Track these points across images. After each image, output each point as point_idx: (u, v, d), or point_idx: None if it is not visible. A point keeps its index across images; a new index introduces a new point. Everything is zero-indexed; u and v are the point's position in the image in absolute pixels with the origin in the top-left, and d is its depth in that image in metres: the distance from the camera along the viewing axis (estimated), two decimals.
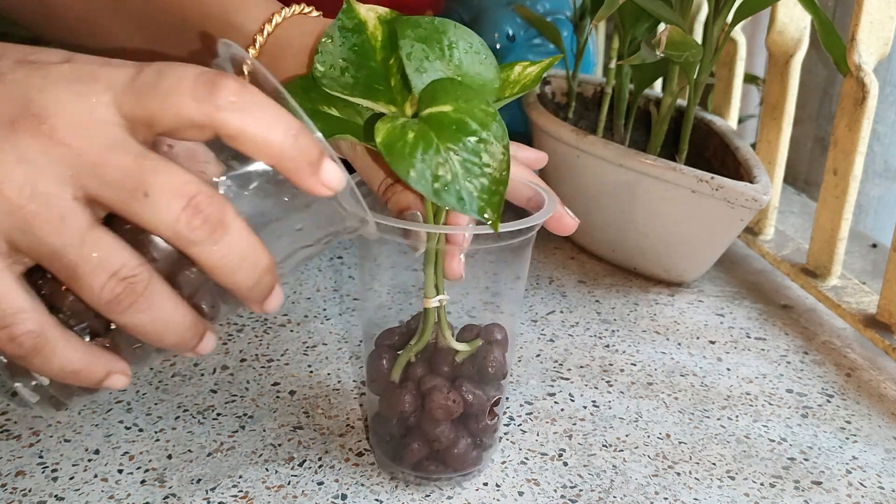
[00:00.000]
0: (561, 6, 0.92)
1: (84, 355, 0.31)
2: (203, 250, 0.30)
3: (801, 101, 0.78)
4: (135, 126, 0.30)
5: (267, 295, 0.33)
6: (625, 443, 0.49)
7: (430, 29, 0.38)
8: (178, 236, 0.30)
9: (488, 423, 0.44)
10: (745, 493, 0.46)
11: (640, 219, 0.66)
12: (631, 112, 0.74)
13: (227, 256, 0.30)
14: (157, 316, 0.31)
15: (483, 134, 0.35)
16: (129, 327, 0.31)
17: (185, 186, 0.29)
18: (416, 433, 0.43)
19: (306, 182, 0.31)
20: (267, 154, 0.30)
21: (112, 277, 0.29)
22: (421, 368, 0.43)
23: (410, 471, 0.44)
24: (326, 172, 0.32)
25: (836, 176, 0.63)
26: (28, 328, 0.29)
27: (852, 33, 0.59)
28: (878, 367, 0.59)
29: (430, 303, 0.41)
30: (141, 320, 0.30)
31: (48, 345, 0.30)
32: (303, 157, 0.31)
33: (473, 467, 0.45)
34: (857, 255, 0.76)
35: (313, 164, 0.31)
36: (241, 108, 0.30)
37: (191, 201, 0.29)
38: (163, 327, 0.31)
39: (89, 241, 0.29)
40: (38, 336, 0.30)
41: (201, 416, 0.50)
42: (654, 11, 0.60)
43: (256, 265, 0.31)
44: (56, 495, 0.43)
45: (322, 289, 0.67)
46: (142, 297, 0.30)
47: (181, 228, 0.29)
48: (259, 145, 0.30)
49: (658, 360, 0.59)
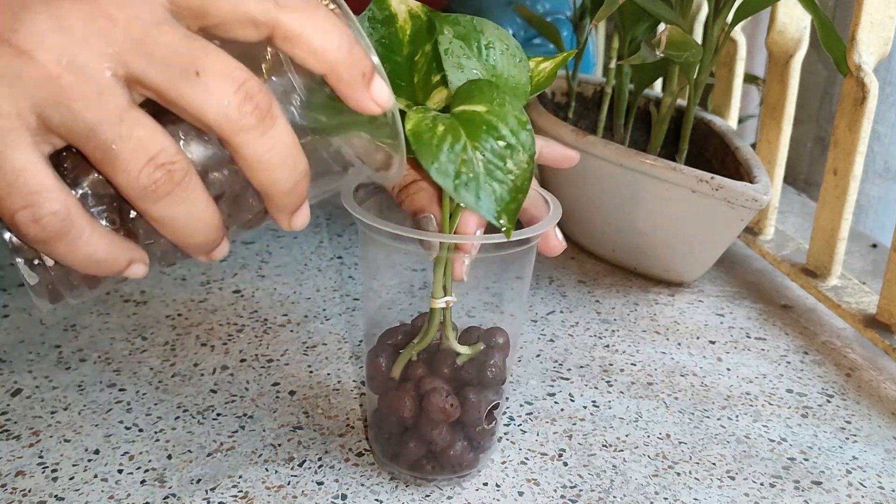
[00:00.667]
0: (561, 6, 0.92)
1: (110, 243, 0.29)
2: (250, 139, 0.29)
3: (801, 101, 0.78)
4: (181, 13, 0.28)
5: (299, 205, 0.32)
6: (625, 443, 0.49)
7: (468, 27, 0.38)
8: (228, 120, 0.28)
9: (486, 428, 0.44)
10: (745, 493, 0.46)
11: (640, 219, 0.66)
12: (631, 112, 0.74)
13: (272, 150, 0.29)
14: (190, 211, 0.29)
15: (512, 140, 0.35)
16: (159, 220, 0.29)
17: (235, 71, 0.28)
18: (414, 433, 0.43)
19: (357, 93, 0.31)
20: (321, 60, 0.30)
21: (151, 162, 0.27)
22: (421, 369, 0.43)
23: (407, 470, 0.44)
24: (377, 87, 0.31)
25: (836, 176, 0.63)
26: (53, 208, 0.27)
27: (852, 33, 0.59)
28: (878, 367, 0.59)
29: (437, 303, 0.41)
30: (174, 213, 0.29)
31: (74, 229, 0.28)
32: (357, 68, 0.30)
33: (470, 469, 0.45)
34: (857, 255, 0.76)
35: (366, 76, 0.31)
36: (303, 10, 0.29)
37: (242, 86, 0.28)
38: (193, 224, 0.29)
39: (128, 121, 0.27)
40: (65, 219, 0.28)
41: (201, 416, 0.50)
42: (654, 11, 0.60)
43: (296, 167, 0.30)
44: (56, 495, 0.43)
45: (322, 289, 0.67)
46: (178, 187, 0.28)
47: (232, 112, 0.28)
48: (315, 50, 0.29)
49: (658, 360, 0.59)
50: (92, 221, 0.29)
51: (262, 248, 0.73)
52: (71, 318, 0.61)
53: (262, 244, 0.74)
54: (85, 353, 0.56)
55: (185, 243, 0.30)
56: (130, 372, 0.54)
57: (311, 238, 0.76)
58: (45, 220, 0.27)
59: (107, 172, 0.28)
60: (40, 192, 0.27)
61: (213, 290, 0.66)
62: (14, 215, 0.27)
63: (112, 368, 0.55)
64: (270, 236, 0.76)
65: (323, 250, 0.73)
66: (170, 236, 0.30)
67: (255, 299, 0.65)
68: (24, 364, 0.55)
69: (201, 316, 0.62)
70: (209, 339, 0.59)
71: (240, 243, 0.74)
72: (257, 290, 0.66)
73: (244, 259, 0.71)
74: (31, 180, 0.27)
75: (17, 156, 0.27)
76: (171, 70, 0.28)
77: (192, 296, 0.65)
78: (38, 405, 0.51)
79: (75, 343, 0.58)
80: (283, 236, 0.76)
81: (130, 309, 0.63)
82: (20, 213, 0.27)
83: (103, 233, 0.29)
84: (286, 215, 0.32)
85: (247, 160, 0.29)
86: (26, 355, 0.56)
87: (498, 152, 0.34)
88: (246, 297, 0.65)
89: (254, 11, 0.29)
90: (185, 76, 0.28)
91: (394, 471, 0.45)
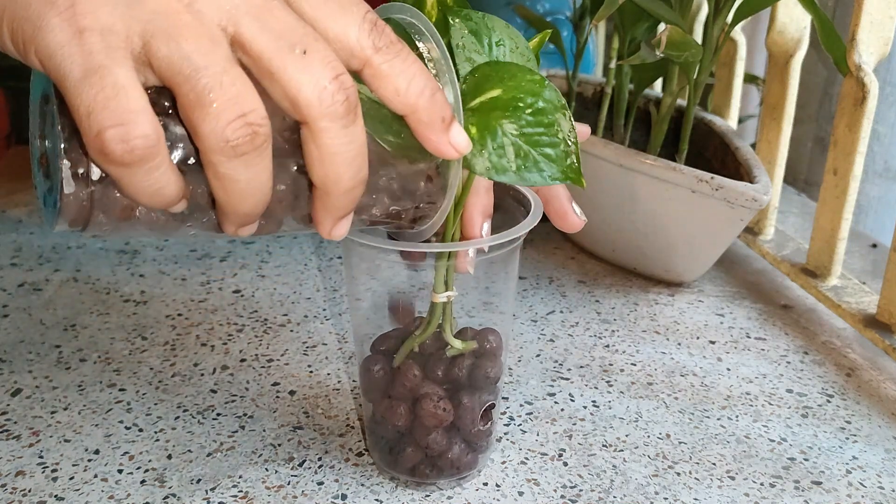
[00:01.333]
0: (561, 6, 0.92)
1: (178, 180, 0.29)
2: (333, 127, 0.29)
3: (801, 101, 0.78)
4: None
5: (348, 212, 0.32)
6: (625, 443, 0.49)
7: (480, 24, 0.38)
8: (320, 103, 0.29)
9: (482, 429, 0.44)
10: (745, 493, 0.46)
11: (640, 219, 0.66)
12: (631, 112, 0.74)
13: (348, 146, 0.30)
14: (252, 179, 0.29)
15: (539, 104, 0.35)
16: (223, 177, 0.29)
17: (336, 62, 0.29)
18: (410, 439, 0.43)
19: (435, 136, 0.32)
20: (404, 102, 0.31)
21: (241, 118, 0.28)
22: (414, 372, 0.43)
23: (407, 475, 0.44)
24: (456, 132, 0.33)
25: (836, 176, 0.63)
26: (146, 131, 0.27)
27: (852, 33, 0.59)
28: (878, 367, 0.59)
29: (438, 298, 0.41)
30: (240, 175, 0.29)
31: (158, 158, 0.28)
32: (437, 112, 0.32)
33: (469, 470, 0.45)
34: (857, 255, 0.76)
35: (446, 121, 0.32)
36: (395, 54, 0.31)
37: (339, 76, 0.29)
38: (249, 192, 0.30)
39: (230, 73, 0.28)
40: (153, 145, 0.28)
41: (201, 416, 0.50)
42: (654, 11, 0.60)
43: (361, 170, 0.31)
44: (56, 495, 0.43)
45: (322, 289, 0.67)
46: (256, 150, 0.29)
47: (326, 96, 0.29)
48: (400, 92, 0.31)
49: (658, 360, 0.59)
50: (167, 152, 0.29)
51: (262, 248, 0.73)
52: (71, 318, 0.61)
53: (262, 244, 0.74)
54: (85, 353, 0.56)
55: (231, 208, 0.31)
56: (130, 372, 0.54)
57: (311, 238, 0.76)
58: (135, 141, 0.27)
59: (194, 118, 0.28)
60: (137, 113, 0.27)
61: (213, 290, 0.66)
62: (104, 131, 0.27)
63: (112, 368, 0.55)
64: (270, 236, 0.76)
65: (323, 250, 0.73)
66: (221, 197, 0.30)
67: (255, 299, 0.65)
68: (24, 364, 0.55)
69: (201, 316, 0.62)
70: (209, 339, 0.59)
71: (240, 243, 0.74)
72: (257, 290, 0.66)
73: (244, 259, 0.71)
74: (130, 99, 0.27)
75: (120, 73, 0.27)
76: (280, 42, 0.29)
77: (192, 296, 0.65)
78: (38, 405, 0.51)
79: (75, 343, 0.58)
80: (282, 236, 0.76)
81: (130, 309, 0.63)
82: (112, 129, 0.27)
83: (175, 168, 0.29)
84: (332, 219, 0.33)
85: (322, 148, 0.30)
86: (26, 355, 0.56)
87: (532, 122, 0.35)
88: (246, 297, 0.65)
89: (353, 45, 0.30)
90: (291, 51, 0.29)
91: (395, 476, 0.45)
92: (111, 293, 0.65)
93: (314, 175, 0.31)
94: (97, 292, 0.65)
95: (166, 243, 0.74)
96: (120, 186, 0.29)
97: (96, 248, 0.72)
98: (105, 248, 0.73)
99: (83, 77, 0.27)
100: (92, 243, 0.73)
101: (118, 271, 0.69)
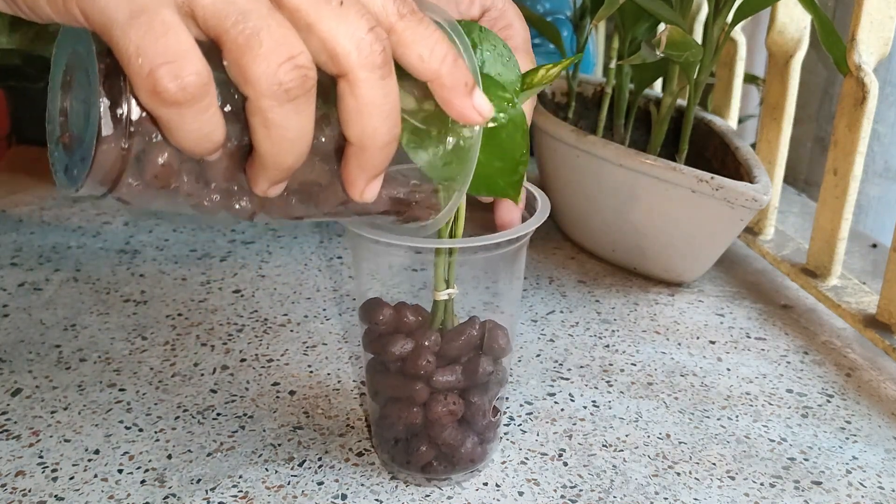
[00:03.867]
0: (561, 6, 0.92)
1: (224, 124, 0.29)
2: (372, 78, 0.29)
3: (801, 101, 0.78)
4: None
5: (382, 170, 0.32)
6: (625, 443, 0.49)
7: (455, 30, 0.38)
8: (359, 51, 0.29)
9: (492, 420, 0.44)
10: (745, 493, 0.46)
11: (640, 219, 0.66)
12: (631, 112, 0.74)
13: (385, 98, 0.30)
14: (299, 126, 0.29)
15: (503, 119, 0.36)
16: (274, 123, 0.29)
17: (367, 16, 0.29)
18: (423, 437, 0.43)
19: (459, 101, 0.32)
20: (428, 67, 0.31)
21: (291, 60, 0.28)
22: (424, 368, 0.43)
23: (419, 473, 0.44)
24: (479, 97, 0.33)
25: (836, 176, 0.63)
26: (199, 68, 0.27)
27: (852, 33, 0.59)
28: (878, 367, 0.59)
29: (439, 295, 0.41)
30: (289, 123, 0.29)
31: (209, 97, 0.28)
32: (460, 78, 0.32)
33: (480, 463, 0.45)
34: (857, 255, 0.76)
35: (469, 86, 0.32)
36: (418, 21, 0.31)
37: (374, 28, 0.29)
38: (296, 141, 0.29)
39: (277, 18, 0.28)
40: (206, 83, 0.27)
41: (201, 416, 0.50)
42: (654, 11, 0.60)
43: (396, 125, 0.31)
44: (56, 495, 0.43)
45: (322, 289, 0.67)
46: (306, 95, 0.29)
47: (364, 45, 0.29)
48: (424, 58, 0.31)
49: (658, 360, 0.59)
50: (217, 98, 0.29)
51: (262, 248, 0.73)
52: (71, 318, 0.61)
53: (262, 244, 0.74)
54: (85, 353, 0.56)
55: (274, 160, 0.30)
56: (130, 372, 0.54)
57: (311, 238, 0.76)
58: (188, 79, 0.27)
59: (245, 62, 0.27)
60: (187, 51, 0.27)
61: (213, 290, 0.66)
62: (157, 68, 0.26)
63: (112, 368, 0.55)
64: (270, 236, 0.76)
65: (323, 250, 0.73)
66: (266, 147, 0.29)
67: (255, 299, 0.65)
68: (24, 364, 0.55)
69: (201, 316, 0.62)
70: (209, 339, 0.59)
71: (240, 243, 0.74)
72: (257, 290, 0.66)
73: (244, 259, 0.71)
74: (180, 38, 0.27)
75: (167, 13, 0.27)
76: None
77: (192, 296, 0.65)
78: (38, 405, 0.51)
79: (75, 343, 0.58)
80: (283, 236, 0.76)
81: (130, 309, 0.63)
82: (164, 67, 0.26)
83: (221, 113, 0.29)
84: (366, 178, 0.32)
85: (360, 99, 0.30)
86: (26, 355, 0.56)
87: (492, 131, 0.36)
88: (246, 297, 0.65)
89: (378, 11, 0.30)
90: (328, 3, 0.29)
91: (406, 476, 0.45)
92: (111, 293, 0.65)
93: (351, 130, 0.31)
94: (97, 292, 0.65)
95: (166, 243, 0.74)
96: (168, 130, 0.28)
97: (96, 248, 0.72)
98: (105, 248, 0.73)
99: (131, 17, 0.26)
100: (92, 243, 0.73)
101: (118, 271, 0.69)
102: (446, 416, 0.42)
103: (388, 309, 0.42)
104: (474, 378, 0.42)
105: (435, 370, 0.42)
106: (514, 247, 0.41)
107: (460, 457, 0.44)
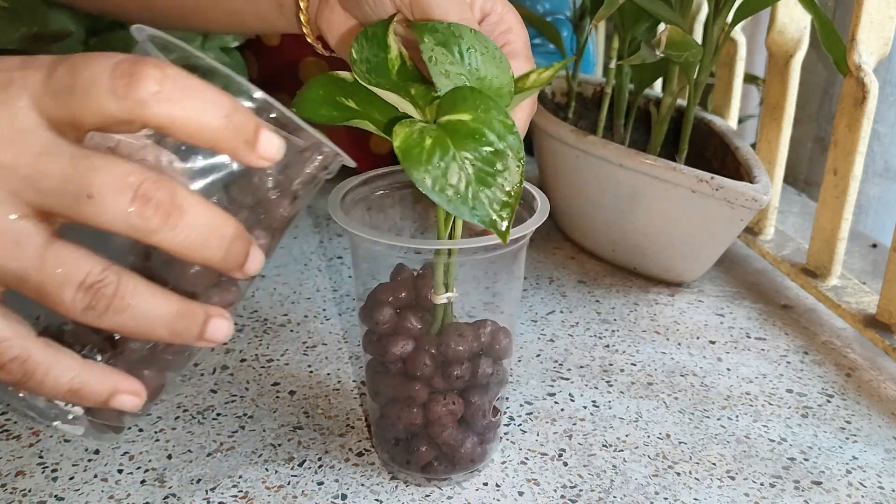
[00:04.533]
0: (561, 6, 0.92)
1: (77, 374, 0.30)
2: (164, 237, 0.29)
3: (801, 101, 0.78)
4: (60, 127, 0.29)
5: (243, 261, 0.32)
6: (625, 443, 0.49)
7: (447, 34, 0.38)
8: (135, 230, 0.28)
9: (492, 420, 0.44)
10: (745, 493, 0.46)
11: (640, 219, 0.66)
12: (631, 112, 0.74)
13: (190, 236, 0.29)
14: (137, 312, 0.29)
15: (499, 145, 0.35)
16: (113, 330, 0.30)
17: (128, 178, 0.28)
18: (423, 437, 0.43)
19: (245, 159, 0.31)
20: (201, 140, 0.30)
21: (80, 288, 0.28)
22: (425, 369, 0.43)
23: (419, 473, 0.44)
24: (263, 146, 0.31)
25: (836, 176, 0.63)
26: (13, 354, 0.29)
27: (852, 33, 0.59)
28: (878, 367, 0.59)
29: (438, 299, 0.41)
30: (122, 320, 0.29)
31: (38, 369, 0.30)
32: (238, 137, 0.30)
33: (480, 463, 0.45)
34: (857, 255, 0.76)
35: (249, 141, 0.30)
36: (167, 97, 0.28)
37: (137, 191, 0.28)
38: (147, 322, 0.30)
39: (49, 259, 0.28)
40: (25, 361, 0.29)
41: (201, 416, 0.50)
42: (654, 11, 0.60)
43: (223, 236, 0.30)
44: (56, 495, 0.43)
45: (322, 289, 0.67)
46: (115, 298, 0.29)
47: (135, 221, 0.28)
48: (192, 133, 0.29)
49: (658, 360, 0.59)
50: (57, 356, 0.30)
51: None
52: None
53: None
54: None
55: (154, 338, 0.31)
56: None
57: (311, 238, 0.76)
58: (8, 366, 0.29)
59: (49, 307, 0.29)
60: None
61: None
62: None
63: None
64: None
65: (323, 250, 0.73)
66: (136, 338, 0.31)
67: (255, 299, 0.65)
68: None
69: None
70: None
71: None
72: (257, 290, 0.66)
73: None
74: None
75: None
76: (65, 198, 0.28)
77: None
78: None
79: None
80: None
81: None
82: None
83: (70, 365, 0.30)
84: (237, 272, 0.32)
85: (170, 252, 0.30)
86: None
87: (486, 158, 0.34)
88: (246, 297, 0.65)
89: (117, 113, 0.28)
90: (79, 201, 0.28)
91: (406, 476, 0.45)
92: None
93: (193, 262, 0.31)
94: None
95: None
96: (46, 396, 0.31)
97: None
98: None
99: None
100: None
101: None
102: (446, 416, 0.42)
103: (389, 310, 0.42)
104: (474, 378, 0.42)
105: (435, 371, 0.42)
106: (513, 247, 0.41)
107: (460, 457, 0.44)
